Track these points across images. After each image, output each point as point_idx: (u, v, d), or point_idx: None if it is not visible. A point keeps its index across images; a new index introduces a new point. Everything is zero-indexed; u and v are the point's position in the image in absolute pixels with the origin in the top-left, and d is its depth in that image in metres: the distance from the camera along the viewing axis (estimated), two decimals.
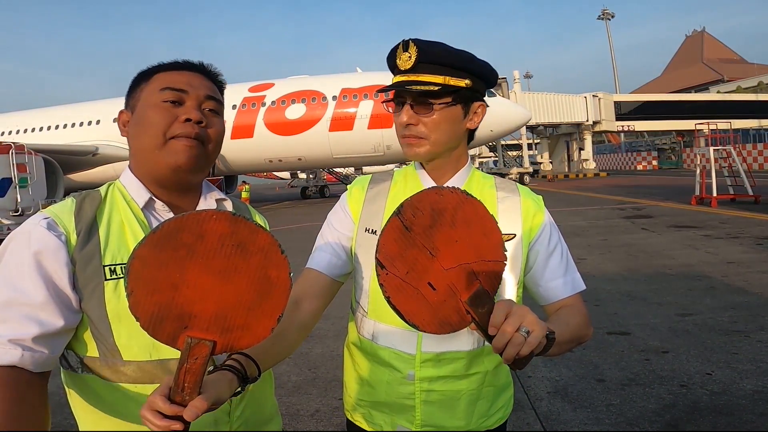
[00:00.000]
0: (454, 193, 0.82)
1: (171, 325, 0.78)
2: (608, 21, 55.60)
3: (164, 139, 1.04)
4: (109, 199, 1.07)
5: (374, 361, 1.22)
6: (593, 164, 35.19)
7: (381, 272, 0.80)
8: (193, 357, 0.76)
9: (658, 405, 3.03)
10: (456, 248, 0.82)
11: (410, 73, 1.13)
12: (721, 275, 5.89)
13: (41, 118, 22.88)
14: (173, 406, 0.74)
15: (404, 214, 0.80)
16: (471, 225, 0.83)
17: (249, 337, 0.80)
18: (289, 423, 3.07)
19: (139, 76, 1.13)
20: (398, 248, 0.80)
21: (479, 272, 0.83)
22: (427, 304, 0.81)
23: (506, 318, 0.80)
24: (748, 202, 12.68)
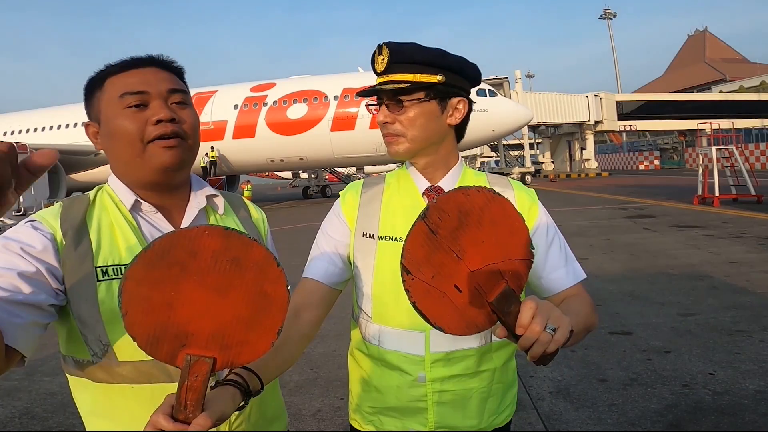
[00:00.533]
0: (481, 193, 0.81)
1: (169, 344, 0.77)
2: (610, 20, 55.57)
3: (142, 145, 1.02)
4: (98, 202, 1.06)
5: (382, 366, 1.21)
6: (595, 164, 35.16)
7: (407, 278, 0.78)
8: (193, 375, 0.75)
9: (660, 405, 3.02)
10: (483, 249, 0.81)
11: (384, 74, 1.16)
12: (723, 275, 5.88)
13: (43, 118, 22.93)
14: (177, 424, 0.73)
15: (430, 217, 0.78)
16: (498, 224, 0.82)
17: (249, 353, 0.79)
18: (291, 423, 3.05)
19: (90, 83, 1.09)
20: (424, 253, 0.78)
21: (506, 272, 0.82)
22: (453, 306, 0.81)
23: (533, 317, 0.79)
24: (751, 201, 12.65)
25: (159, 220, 1.07)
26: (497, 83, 26.21)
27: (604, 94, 34.11)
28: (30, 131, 22.47)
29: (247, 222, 1.23)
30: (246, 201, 1.30)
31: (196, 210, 1.11)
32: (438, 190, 1.23)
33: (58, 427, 3.17)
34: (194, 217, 1.10)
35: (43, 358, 4.32)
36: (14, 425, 3.22)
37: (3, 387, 3.81)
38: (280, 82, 21.45)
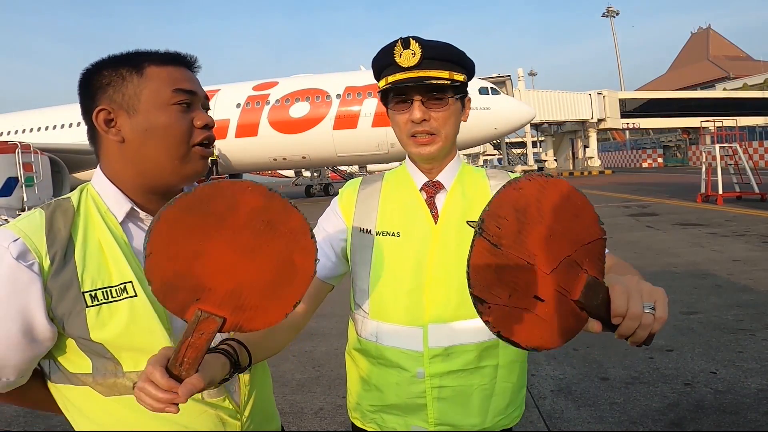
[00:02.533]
0: (533, 181, 0.70)
1: (183, 294, 0.74)
2: (613, 18, 55.37)
3: (187, 147, 0.98)
4: (83, 212, 0.96)
5: (380, 364, 1.21)
6: (598, 162, 35.08)
7: (482, 308, 0.69)
8: (199, 332, 0.73)
9: (662, 403, 3.02)
10: (552, 244, 0.71)
11: (415, 70, 1.13)
12: (726, 273, 5.87)
13: (47, 118, 22.98)
14: (170, 380, 0.72)
15: (488, 229, 0.67)
16: (559, 211, 0.71)
17: (261, 320, 0.76)
18: (293, 421, 3.08)
19: (120, 63, 0.98)
20: (493, 273, 0.68)
21: (583, 260, 0.73)
22: (540, 320, 0.71)
23: (627, 301, 0.71)
24: (754, 199, 12.61)
25: None
26: (500, 81, 26.18)
27: (607, 92, 34.03)
28: (33, 130, 22.51)
29: None
30: None
31: None
32: (436, 185, 1.23)
33: (61, 426, 3.18)
34: None
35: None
36: (18, 424, 3.24)
37: None
38: (282, 80, 21.45)
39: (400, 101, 1.17)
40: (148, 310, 0.93)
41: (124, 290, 0.92)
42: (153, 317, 0.93)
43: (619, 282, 0.73)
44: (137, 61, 0.98)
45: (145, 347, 0.91)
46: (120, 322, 0.91)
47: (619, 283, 0.72)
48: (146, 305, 0.93)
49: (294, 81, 21.32)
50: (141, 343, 0.92)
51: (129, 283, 0.93)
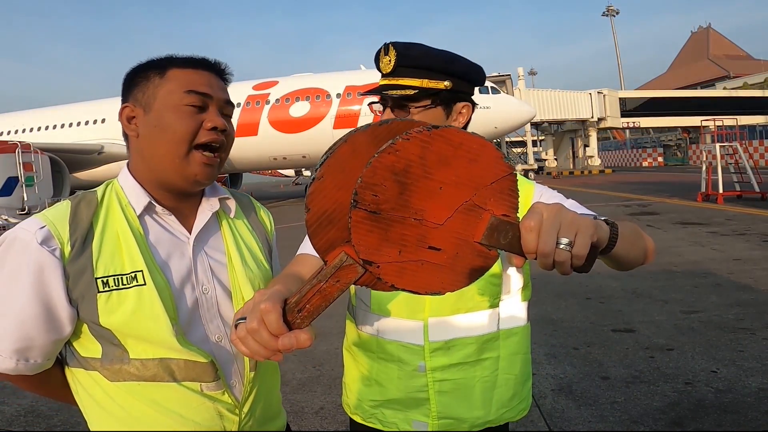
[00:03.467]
0: (413, 139, 0.65)
1: (336, 232, 0.68)
2: (613, 18, 55.35)
3: (189, 147, 1.01)
4: (105, 204, 1.03)
5: (381, 358, 1.21)
6: (598, 161, 35.06)
7: (373, 270, 0.66)
8: (336, 278, 0.66)
9: (662, 403, 3.02)
10: (443, 195, 0.67)
11: (390, 77, 1.14)
12: (727, 272, 5.87)
13: (47, 117, 22.99)
14: (283, 326, 0.65)
15: (363, 200, 0.63)
16: (450, 160, 0.67)
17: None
18: (293, 420, 3.08)
19: (149, 66, 1.05)
20: (377, 237, 0.65)
21: (486, 201, 0.69)
22: (439, 267, 0.68)
23: (537, 237, 0.65)
24: (755, 198, 12.61)
25: (172, 222, 1.06)
26: (500, 80, 26.17)
27: (608, 91, 34.00)
28: (34, 130, 22.51)
29: (255, 223, 1.24)
30: (254, 201, 1.30)
31: (209, 213, 1.11)
32: None
33: (62, 426, 3.19)
34: (207, 220, 1.10)
35: None
36: (19, 423, 3.24)
37: (8, 385, 3.82)
38: (282, 80, 21.45)
39: (384, 105, 1.20)
40: (155, 299, 0.97)
41: (134, 278, 0.97)
42: (159, 306, 0.97)
43: (534, 215, 0.66)
44: (163, 65, 1.05)
45: (148, 335, 0.96)
46: (127, 309, 0.95)
47: (531, 217, 0.66)
48: (153, 294, 0.97)
49: (294, 80, 21.32)
50: (145, 330, 0.96)
51: (140, 272, 0.97)
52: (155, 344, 0.98)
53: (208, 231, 1.11)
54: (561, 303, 5.06)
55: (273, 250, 1.27)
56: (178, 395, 1.00)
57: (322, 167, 0.67)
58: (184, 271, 1.04)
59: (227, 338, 1.06)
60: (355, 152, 0.67)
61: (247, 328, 0.66)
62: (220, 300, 1.07)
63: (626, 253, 0.89)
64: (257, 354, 0.66)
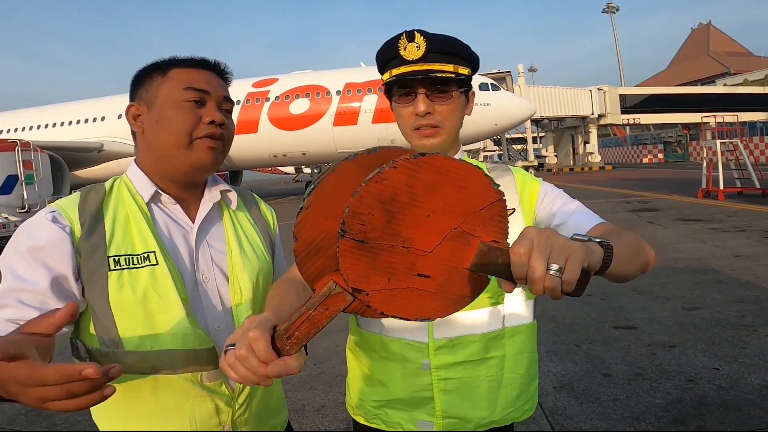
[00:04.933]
0: (399, 167, 0.64)
1: (324, 260, 0.68)
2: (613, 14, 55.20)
3: (189, 139, 1.06)
4: (114, 192, 1.09)
5: (384, 357, 1.20)
6: (598, 157, 35.06)
7: (362, 298, 0.66)
8: (324, 306, 0.67)
9: (664, 400, 3.01)
10: (432, 223, 0.67)
11: (420, 63, 1.13)
12: (728, 269, 5.86)
13: (46, 116, 22.97)
14: (273, 353, 0.66)
15: (350, 229, 0.63)
16: (437, 188, 0.66)
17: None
18: (294, 418, 3.07)
19: (152, 68, 1.12)
20: (365, 265, 0.65)
21: (475, 228, 0.69)
22: (428, 293, 0.68)
23: (528, 261, 0.64)
24: (756, 195, 12.59)
25: (177, 212, 1.11)
26: (500, 77, 26.10)
27: (608, 88, 33.97)
28: (33, 128, 22.49)
29: (258, 217, 1.26)
30: (257, 198, 1.33)
31: (210, 204, 1.15)
32: None
33: (63, 424, 3.18)
34: (208, 210, 1.14)
35: None
36: (20, 422, 3.24)
37: None
38: (282, 77, 21.41)
39: (404, 94, 1.17)
40: (167, 279, 1.01)
41: (147, 258, 1.01)
42: (171, 285, 1.01)
43: (524, 241, 0.65)
44: (166, 65, 1.11)
45: (159, 315, 0.99)
46: (139, 287, 0.99)
47: (521, 243, 0.65)
48: (165, 274, 1.01)
49: (294, 78, 21.28)
50: (157, 308, 1.00)
51: (152, 253, 1.02)
52: (162, 328, 0.99)
53: (210, 221, 1.15)
54: (562, 300, 5.03)
55: (276, 246, 1.29)
56: (179, 386, 1.01)
57: (310, 196, 0.67)
58: (187, 259, 1.08)
59: (226, 327, 1.08)
60: (342, 181, 0.67)
61: (236, 355, 0.67)
62: (220, 288, 1.10)
63: (622, 271, 0.88)
64: (247, 380, 0.67)
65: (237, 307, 1.09)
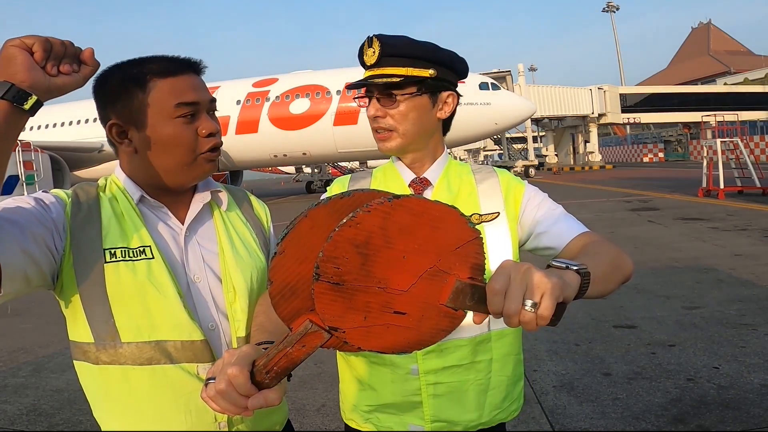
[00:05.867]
0: (373, 211, 0.66)
1: (300, 302, 0.70)
2: (613, 13, 55.16)
3: (194, 156, 1.05)
4: (107, 190, 1.09)
5: (373, 362, 1.20)
6: (599, 157, 35.05)
7: (338, 335, 0.67)
8: (301, 344, 0.69)
9: (664, 399, 3.02)
10: (407, 263, 0.68)
11: (375, 68, 1.15)
12: (728, 268, 5.86)
13: (47, 116, 22.97)
14: (252, 387, 0.69)
15: (325, 273, 0.64)
16: (411, 229, 0.68)
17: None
18: (295, 418, 3.08)
19: (126, 79, 1.04)
20: (341, 306, 0.66)
21: (451, 266, 0.70)
22: (405, 329, 0.70)
23: (504, 299, 0.67)
24: (756, 194, 12.58)
25: (165, 213, 1.10)
26: (500, 76, 26.08)
27: (608, 87, 33.97)
28: (34, 128, 22.48)
29: (250, 215, 1.25)
30: (249, 195, 1.31)
31: (200, 204, 1.13)
32: (423, 181, 1.24)
33: (65, 424, 3.19)
34: (198, 211, 1.13)
35: (49, 354, 4.35)
36: (21, 422, 3.25)
37: (10, 384, 3.84)
38: (282, 77, 21.42)
39: (367, 98, 1.21)
40: (163, 272, 1.02)
41: (143, 252, 1.02)
42: (167, 278, 1.01)
43: (500, 278, 0.68)
44: (140, 75, 1.03)
45: (155, 307, 0.99)
46: (135, 278, 0.99)
47: (497, 280, 0.67)
48: (162, 267, 1.02)
49: (294, 77, 21.29)
50: (152, 300, 0.99)
51: (148, 247, 1.02)
52: (158, 319, 1.00)
53: (200, 221, 1.14)
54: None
55: (271, 243, 1.27)
56: (175, 377, 1.01)
57: (283, 242, 0.68)
58: (178, 259, 1.07)
59: (219, 326, 1.08)
60: (315, 226, 0.68)
61: (216, 389, 0.70)
62: (212, 288, 1.09)
63: (599, 292, 0.89)
64: (227, 411, 0.70)
65: (231, 306, 1.09)
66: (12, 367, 4.16)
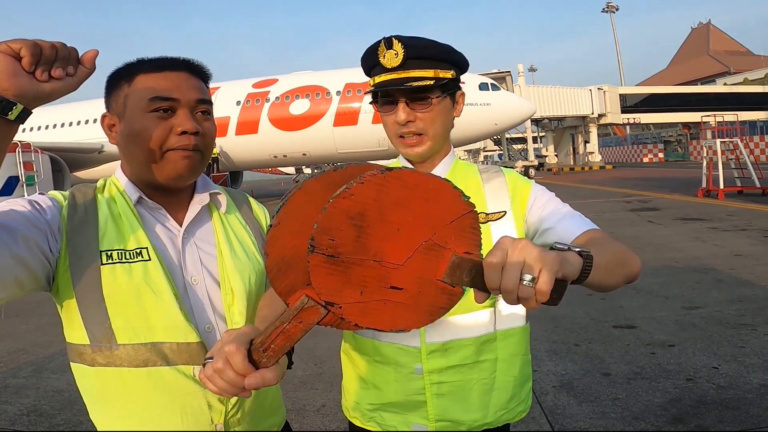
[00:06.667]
0: (367, 183, 0.66)
1: (296, 276, 0.70)
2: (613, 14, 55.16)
3: (160, 152, 1.03)
4: (106, 190, 1.09)
5: (377, 361, 1.20)
6: (599, 157, 35.06)
7: (335, 310, 0.67)
8: (298, 319, 0.68)
9: (664, 399, 3.02)
10: (402, 236, 0.68)
11: (399, 71, 1.12)
12: (728, 268, 5.86)
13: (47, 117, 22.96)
14: (249, 365, 0.69)
15: (320, 245, 0.64)
16: (406, 202, 0.67)
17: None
18: (295, 418, 3.08)
19: (117, 75, 1.07)
20: (336, 280, 0.66)
21: (447, 240, 0.69)
22: (402, 305, 0.70)
23: (501, 273, 0.65)
24: (756, 194, 12.59)
25: (162, 215, 1.10)
26: (500, 77, 26.09)
27: (608, 87, 33.97)
28: (34, 129, 22.48)
29: (249, 218, 1.24)
30: (248, 197, 1.31)
31: (198, 206, 1.13)
32: None
33: (65, 425, 3.19)
34: (196, 213, 1.12)
35: (50, 355, 4.36)
36: (22, 423, 3.25)
37: (11, 385, 3.84)
38: (282, 77, 21.40)
39: (387, 102, 1.18)
40: (160, 274, 1.01)
41: (139, 254, 1.01)
42: (163, 280, 1.01)
43: (497, 252, 0.66)
44: (131, 71, 1.06)
45: (150, 309, 0.99)
46: (132, 280, 0.99)
47: (494, 254, 0.66)
48: (158, 269, 1.01)
49: (294, 78, 21.27)
50: (149, 302, 0.99)
51: (144, 249, 1.02)
52: (154, 320, 0.99)
53: (199, 224, 1.14)
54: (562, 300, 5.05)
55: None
56: (171, 379, 1.01)
57: (278, 214, 0.68)
58: (175, 260, 1.07)
59: (216, 328, 1.08)
60: (309, 198, 0.69)
61: (214, 367, 0.70)
62: (210, 290, 1.09)
63: (602, 281, 0.88)
64: (225, 391, 0.70)
65: (230, 308, 1.09)
66: (12, 368, 4.17)
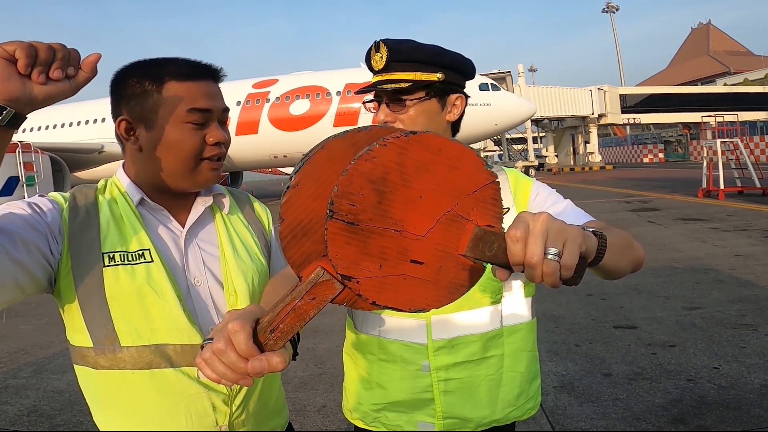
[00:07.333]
0: (389, 145, 0.61)
1: (311, 245, 0.64)
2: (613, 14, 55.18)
3: (196, 162, 1.05)
4: (107, 192, 1.08)
5: (383, 360, 1.20)
6: (599, 157, 35.06)
7: (352, 285, 0.62)
8: (311, 295, 0.63)
9: (664, 399, 3.02)
10: (424, 204, 0.64)
11: (383, 73, 1.16)
12: (728, 268, 5.86)
13: (47, 117, 22.97)
14: (253, 347, 0.61)
15: (340, 210, 0.60)
16: (429, 167, 0.64)
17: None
18: (295, 418, 3.08)
19: (143, 74, 1.04)
20: (355, 250, 0.61)
21: (469, 211, 0.65)
22: (422, 282, 0.65)
23: (525, 247, 0.61)
24: (756, 194, 12.59)
25: (165, 216, 1.09)
26: (500, 77, 26.09)
27: (608, 88, 33.97)
28: (34, 130, 22.49)
29: (252, 218, 1.24)
30: (251, 198, 1.31)
31: (202, 208, 1.13)
32: None
33: (65, 425, 3.19)
34: (200, 214, 1.12)
35: (50, 355, 4.35)
36: (22, 423, 3.25)
37: (11, 385, 3.84)
38: (282, 78, 21.41)
39: (376, 102, 1.22)
40: (163, 275, 1.01)
41: (142, 256, 1.01)
42: (166, 282, 1.00)
43: (520, 224, 0.62)
44: (159, 75, 1.03)
45: (154, 311, 0.99)
46: (134, 282, 0.98)
47: (517, 227, 0.62)
48: (161, 271, 1.01)
49: (294, 78, 21.28)
50: (152, 303, 0.99)
51: (147, 251, 1.01)
52: (157, 322, 0.99)
53: (201, 225, 1.13)
54: (562, 299, 5.06)
55: (273, 245, 1.27)
56: (175, 381, 1.01)
57: (297, 174, 0.63)
58: (178, 262, 1.07)
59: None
60: (331, 159, 0.64)
61: (213, 348, 0.61)
62: (213, 291, 1.09)
63: (615, 264, 0.88)
64: (224, 377, 0.62)
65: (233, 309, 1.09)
66: (13, 368, 4.16)
